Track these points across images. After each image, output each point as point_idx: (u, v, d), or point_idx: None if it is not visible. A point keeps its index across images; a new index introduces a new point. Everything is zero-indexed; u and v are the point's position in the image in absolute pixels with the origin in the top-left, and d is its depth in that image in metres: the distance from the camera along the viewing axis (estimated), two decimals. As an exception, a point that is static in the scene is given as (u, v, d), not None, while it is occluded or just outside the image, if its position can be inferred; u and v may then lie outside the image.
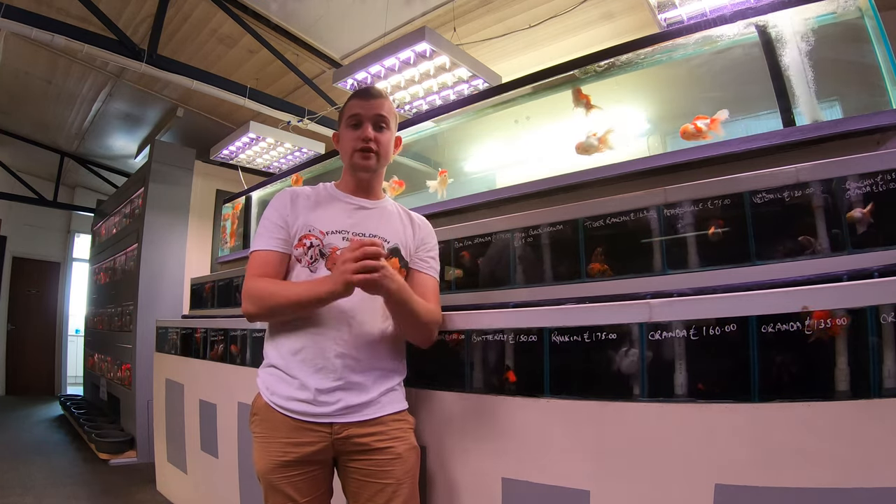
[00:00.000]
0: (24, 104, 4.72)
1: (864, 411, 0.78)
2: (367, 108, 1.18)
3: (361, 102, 1.19)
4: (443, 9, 3.12)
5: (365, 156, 1.17)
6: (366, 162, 1.18)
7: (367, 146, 1.16)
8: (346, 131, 1.20)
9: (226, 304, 2.71)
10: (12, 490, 2.84)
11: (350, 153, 1.19)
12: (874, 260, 0.98)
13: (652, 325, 0.97)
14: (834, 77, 1.35)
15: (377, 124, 1.18)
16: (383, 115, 1.18)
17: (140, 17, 3.34)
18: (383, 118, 1.18)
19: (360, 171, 1.20)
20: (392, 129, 1.22)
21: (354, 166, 1.20)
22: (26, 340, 6.29)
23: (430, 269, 1.25)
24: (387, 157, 1.22)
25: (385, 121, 1.19)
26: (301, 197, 1.19)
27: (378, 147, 1.18)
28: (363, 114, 1.17)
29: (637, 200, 1.28)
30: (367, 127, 1.17)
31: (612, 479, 0.99)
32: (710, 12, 1.88)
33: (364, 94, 1.20)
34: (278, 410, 1.10)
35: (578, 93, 1.72)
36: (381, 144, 1.18)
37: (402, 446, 1.12)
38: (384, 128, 1.19)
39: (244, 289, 1.10)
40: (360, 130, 1.17)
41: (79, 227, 6.91)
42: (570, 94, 1.74)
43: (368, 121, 1.17)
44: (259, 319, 1.12)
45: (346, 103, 1.22)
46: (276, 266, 1.13)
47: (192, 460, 2.37)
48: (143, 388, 3.67)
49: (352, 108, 1.19)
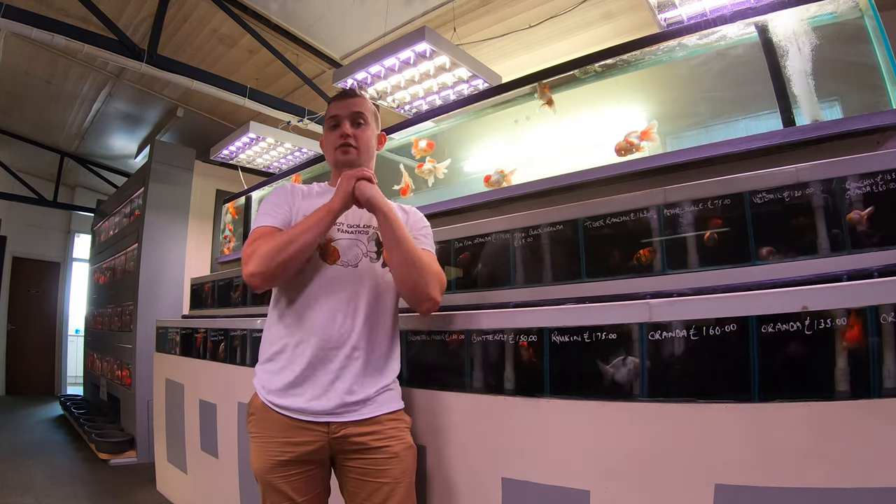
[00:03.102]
0: (24, 104, 4.72)
1: (864, 411, 0.78)
2: (343, 108, 1.23)
3: (338, 104, 1.25)
4: (443, 9, 3.12)
5: (344, 150, 1.22)
6: (345, 157, 1.22)
7: (345, 142, 1.21)
8: (328, 133, 1.27)
9: (226, 304, 2.71)
10: (12, 490, 2.84)
11: (332, 151, 1.24)
12: (874, 260, 0.98)
13: (652, 325, 0.97)
14: (834, 77, 1.35)
15: (354, 121, 1.23)
16: (360, 111, 1.23)
17: (140, 17, 3.34)
18: (360, 115, 1.23)
19: (342, 166, 1.23)
20: (372, 126, 1.26)
21: (337, 163, 1.25)
22: (26, 340, 6.28)
23: (425, 244, 1.24)
24: (367, 152, 1.25)
25: (362, 117, 1.23)
26: (297, 190, 1.24)
27: (357, 142, 1.22)
28: (340, 114, 1.23)
29: (637, 200, 1.28)
30: (345, 124, 1.22)
31: (612, 479, 0.99)
32: (710, 12, 1.88)
33: (340, 95, 1.27)
34: (275, 410, 1.10)
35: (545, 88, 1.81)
36: (360, 140, 1.23)
37: (399, 445, 1.12)
38: (362, 124, 1.23)
39: (247, 252, 1.07)
40: (339, 129, 1.22)
41: (79, 227, 6.91)
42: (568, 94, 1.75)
43: (346, 119, 1.22)
44: (265, 282, 1.07)
45: (327, 108, 1.27)
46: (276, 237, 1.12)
47: (192, 460, 2.37)
48: (143, 388, 3.67)
49: (331, 110, 1.25)
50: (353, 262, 1.16)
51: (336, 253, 1.16)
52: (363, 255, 1.18)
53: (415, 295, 1.13)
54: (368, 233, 1.21)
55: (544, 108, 1.81)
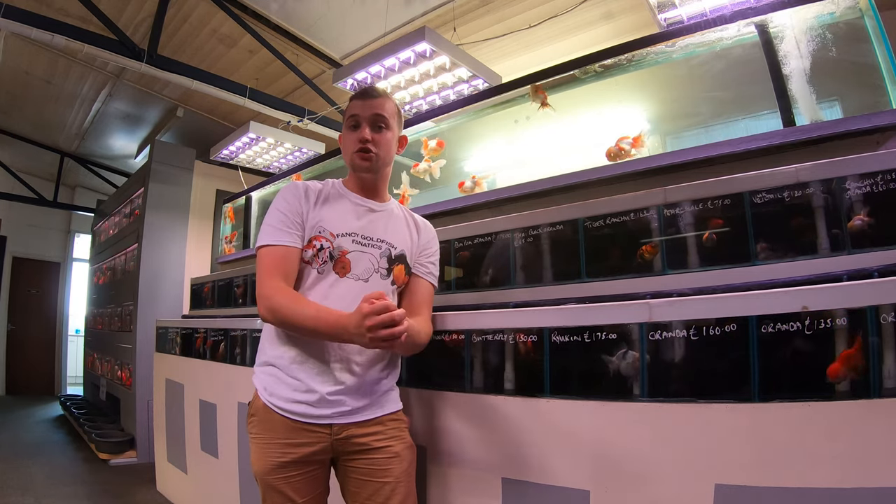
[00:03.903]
0: (24, 104, 4.72)
1: (864, 411, 0.78)
2: (364, 109, 1.17)
3: (359, 103, 1.18)
4: (443, 9, 3.12)
5: (363, 156, 1.16)
6: (364, 163, 1.17)
7: (364, 147, 1.16)
8: (346, 133, 1.20)
9: (226, 304, 2.71)
10: (12, 490, 2.84)
11: (350, 154, 1.19)
12: (874, 260, 0.98)
13: (652, 325, 0.97)
14: (834, 77, 1.35)
15: (375, 124, 1.17)
16: (381, 114, 1.17)
17: (140, 17, 3.34)
18: (382, 118, 1.17)
19: (360, 171, 1.19)
20: (393, 129, 1.20)
21: (354, 167, 1.19)
22: (26, 340, 6.28)
23: (430, 276, 1.25)
24: (387, 157, 1.20)
25: (384, 121, 1.17)
26: (312, 191, 1.17)
27: (376, 148, 1.16)
28: (361, 115, 1.17)
29: (637, 200, 1.28)
30: (364, 128, 1.16)
31: (612, 479, 0.99)
32: (710, 12, 1.88)
33: (362, 94, 1.19)
34: (277, 412, 1.09)
35: (538, 89, 1.80)
36: (380, 145, 1.17)
37: (400, 445, 1.13)
38: (383, 128, 1.17)
39: (260, 291, 1.07)
40: (359, 132, 1.16)
41: (79, 227, 6.91)
42: (568, 95, 1.75)
43: (366, 121, 1.16)
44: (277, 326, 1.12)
45: (348, 104, 1.21)
46: (290, 263, 1.10)
47: (192, 460, 2.37)
48: (143, 388, 3.67)
49: (351, 108, 1.19)
50: (364, 276, 1.14)
51: (348, 265, 1.13)
52: (374, 271, 1.15)
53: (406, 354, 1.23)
54: (381, 248, 1.17)
55: (541, 109, 1.81)
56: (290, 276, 1.10)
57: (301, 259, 1.12)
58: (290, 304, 1.04)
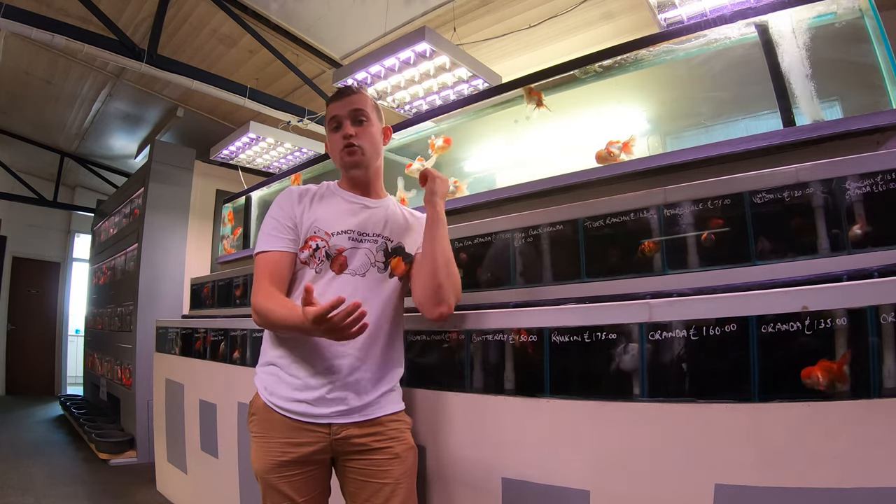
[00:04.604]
0: (24, 104, 4.72)
1: (864, 411, 0.78)
2: (342, 108, 1.19)
3: (337, 104, 1.20)
4: (443, 9, 3.12)
5: (349, 152, 1.18)
6: (351, 158, 1.18)
7: (348, 143, 1.17)
8: (331, 136, 1.22)
9: (225, 304, 2.71)
10: (12, 490, 2.84)
11: (337, 154, 1.20)
12: (874, 260, 0.98)
13: (652, 325, 0.97)
14: (834, 77, 1.35)
15: (356, 119, 1.18)
16: (360, 108, 1.18)
17: (140, 17, 3.34)
18: (361, 111, 1.18)
19: (350, 168, 1.20)
20: (374, 121, 1.22)
21: (344, 166, 1.20)
22: (26, 340, 6.28)
23: None
24: (374, 150, 1.21)
25: (363, 114, 1.19)
26: (306, 194, 1.19)
27: (360, 141, 1.18)
28: (340, 114, 1.19)
29: (637, 200, 1.28)
30: (346, 125, 1.18)
31: (612, 479, 0.99)
32: (710, 12, 1.88)
33: (338, 94, 1.21)
34: (277, 411, 1.09)
35: (531, 91, 1.80)
36: (364, 137, 1.18)
37: (401, 446, 1.13)
38: (364, 121, 1.19)
39: (252, 298, 1.10)
40: (342, 130, 1.18)
41: (79, 227, 6.91)
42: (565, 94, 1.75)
43: (347, 118, 1.18)
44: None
45: (326, 109, 1.23)
46: (284, 268, 1.12)
47: (192, 460, 2.37)
48: (143, 388, 3.67)
49: (330, 111, 1.21)
50: (361, 271, 1.15)
51: (344, 261, 1.14)
52: (371, 265, 1.16)
53: (435, 297, 1.14)
54: (378, 242, 1.18)
55: (537, 110, 1.80)
56: (281, 280, 1.11)
57: (298, 260, 1.14)
58: (268, 304, 1.06)
